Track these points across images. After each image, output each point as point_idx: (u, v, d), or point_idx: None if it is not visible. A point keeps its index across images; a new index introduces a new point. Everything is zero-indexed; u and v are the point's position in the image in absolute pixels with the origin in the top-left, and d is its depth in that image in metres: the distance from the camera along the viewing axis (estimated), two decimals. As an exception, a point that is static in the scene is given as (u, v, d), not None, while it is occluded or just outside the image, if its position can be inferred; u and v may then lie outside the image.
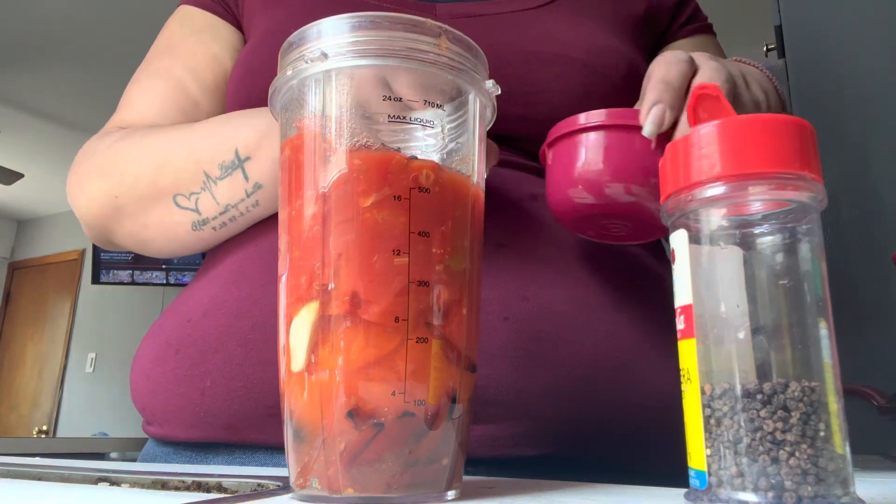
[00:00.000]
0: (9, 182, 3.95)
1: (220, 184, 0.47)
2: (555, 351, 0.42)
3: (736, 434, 0.22)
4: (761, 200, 0.24)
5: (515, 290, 0.43)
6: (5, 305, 4.93)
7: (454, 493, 0.27)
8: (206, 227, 0.49)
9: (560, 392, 0.41)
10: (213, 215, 0.48)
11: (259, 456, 0.44)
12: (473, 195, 0.29)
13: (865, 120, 0.98)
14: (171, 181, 0.48)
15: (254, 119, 0.46)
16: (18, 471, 0.37)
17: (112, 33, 2.79)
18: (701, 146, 0.24)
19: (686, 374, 0.24)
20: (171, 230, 0.50)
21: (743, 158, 0.23)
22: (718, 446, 0.22)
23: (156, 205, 0.50)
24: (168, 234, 0.51)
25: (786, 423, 0.21)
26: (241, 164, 0.46)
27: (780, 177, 0.23)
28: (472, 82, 0.29)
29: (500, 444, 0.40)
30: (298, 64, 0.28)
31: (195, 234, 0.50)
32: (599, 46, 0.54)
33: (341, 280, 0.26)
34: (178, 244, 0.52)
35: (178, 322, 0.48)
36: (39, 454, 2.50)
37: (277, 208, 0.46)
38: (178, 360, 0.45)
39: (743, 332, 0.23)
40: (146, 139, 0.52)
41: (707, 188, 0.24)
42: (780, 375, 0.22)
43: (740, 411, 0.22)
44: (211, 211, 0.48)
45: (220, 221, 0.49)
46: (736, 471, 0.22)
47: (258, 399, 0.42)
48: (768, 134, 0.23)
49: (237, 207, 0.47)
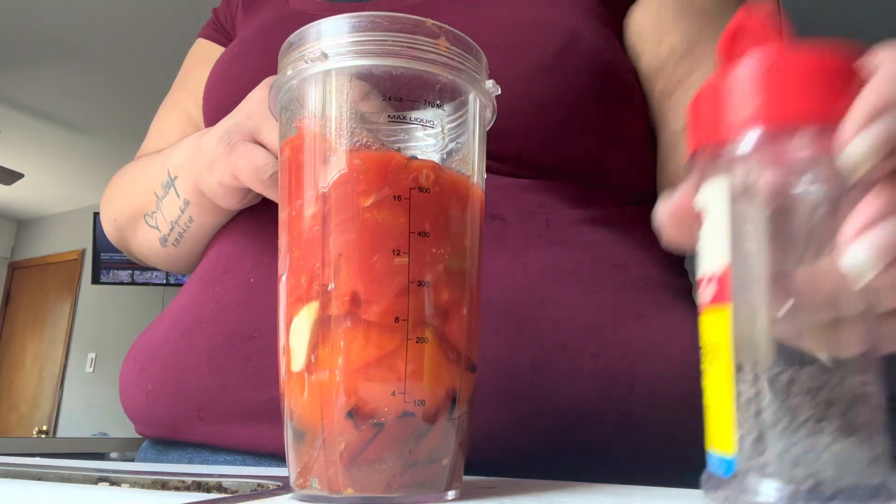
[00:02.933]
0: (9, 182, 3.95)
1: (163, 202, 0.52)
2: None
3: (775, 416, 0.20)
4: (814, 151, 0.21)
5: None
6: (5, 305, 4.93)
7: (454, 493, 0.27)
8: (168, 244, 0.55)
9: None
10: (167, 231, 0.54)
11: (204, 453, 0.46)
12: (473, 195, 0.29)
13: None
14: (139, 203, 0.55)
15: (187, 141, 0.50)
16: (18, 471, 0.37)
17: (112, 34, 2.79)
18: (740, 87, 0.21)
19: (711, 350, 0.22)
20: (151, 246, 0.57)
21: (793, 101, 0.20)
22: (752, 429, 0.20)
23: (137, 225, 0.57)
24: (152, 249, 0.58)
25: (830, 408, 0.19)
26: (172, 183, 0.50)
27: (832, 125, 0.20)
28: (472, 82, 0.29)
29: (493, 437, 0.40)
30: (298, 64, 0.28)
31: (164, 250, 0.56)
32: (523, 23, 0.48)
33: (341, 280, 0.26)
34: (161, 259, 0.58)
35: (148, 329, 0.53)
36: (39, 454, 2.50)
37: (211, 224, 0.51)
38: (133, 364, 0.50)
39: (791, 301, 0.20)
40: (133, 167, 0.60)
41: (749, 135, 0.21)
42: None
43: (782, 391, 0.20)
44: (165, 227, 0.53)
45: (173, 238, 0.54)
46: (773, 456, 0.20)
47: (188, 403, 0.44)
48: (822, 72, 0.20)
49: (178, 223, 0.52)
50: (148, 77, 3.14)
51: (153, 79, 3.17)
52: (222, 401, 0.43)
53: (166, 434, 0.47)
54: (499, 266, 0.43)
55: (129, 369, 0.50)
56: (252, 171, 0.40)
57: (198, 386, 0.44)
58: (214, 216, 0.50)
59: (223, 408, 0.43)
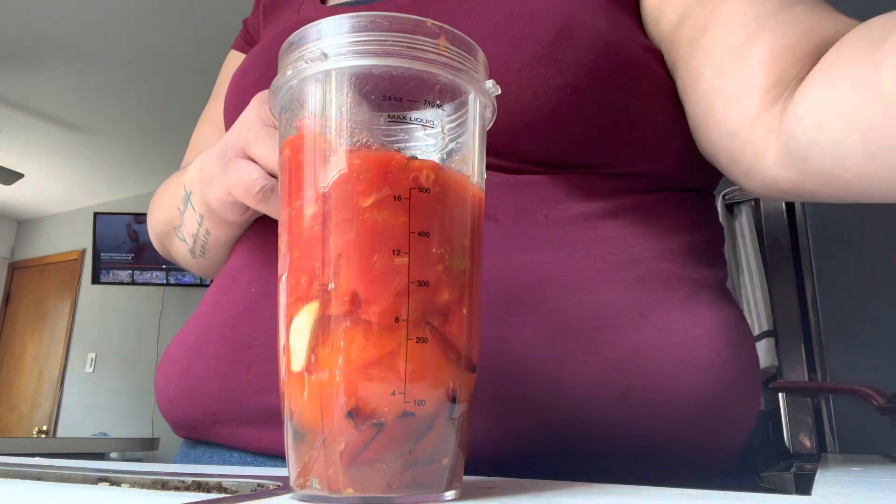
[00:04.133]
0: (9, 182, 3.96)
1: (185, 216, 0.55)
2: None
3: None
4: None
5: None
6: (5, 305, 4.93)
7: (454, 493, 0.27)
8: (196, 255, 0.58)
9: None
10: (192, 244, 0.57)
11: (224, 453, 0.48)
12: (473, 195, 0.29)
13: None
14: (168, 217, 0.59)
15: (199, 158, 0.52)
16: (18, 471, 0.37)
17: (112, 34, 2.79)
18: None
19: None
20: (184, 257, 0.61)
21: None
22: None
23: (170, 237, 0.61)
24: (185, 260, 0.62)
25: None
26: (188, 198, 0.53)
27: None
28: (472, 82, 0.29)
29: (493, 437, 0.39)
30: (298, 64, 0.28)
31: (195, 261, 0.60)
32: (516, 12, 0.46)
33: (341, 280, 0.26)
34: (196, 268, 0.62)
35: (181, 331, 0.55)
36: (39, 454, 2.50)
37: (226, 236, 0.53)
38: (163, 367, 0.52)
39: None
40: (167, 182, 0.64)
41: None
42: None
43: None
44: (189, 240, 0.56)
45: (199, 249, 0.57)
46: None
47: (202, 408, 0.46)
48: None
49: (199, 236, 0.55)
50: (148, 77, 3.14)
51: (153, 79, 3.18)
52: (231, 406, 0.45)
53: (192, 434, 0.50)
54: (485, 269, 0.42)
55: (160, 374, 0.53)
56: (243, 187, 0.41)
57: (208, 392, 0.46)
58: (227, 229, 0.52)
59: (233, 412, 0.45)
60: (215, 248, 0.56)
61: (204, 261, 0.59)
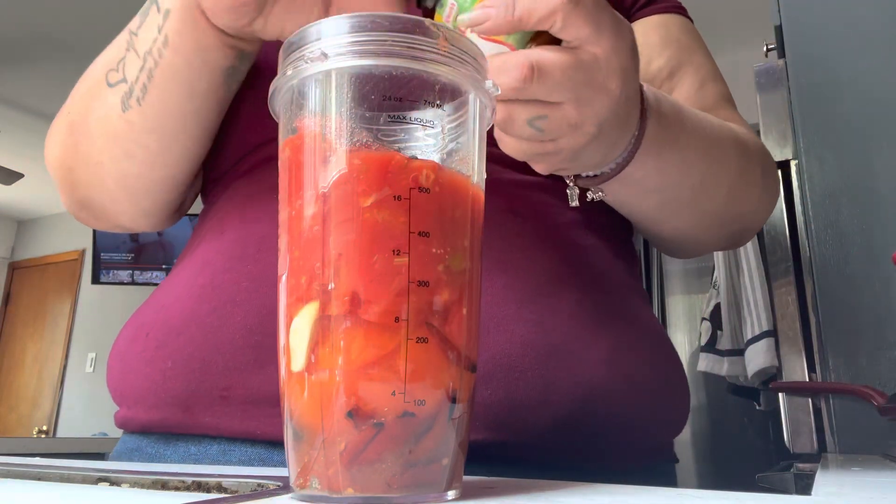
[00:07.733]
0: (9, 182, 3.96)
1: (139, 32, 0.48)
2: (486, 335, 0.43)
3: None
4: None
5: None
6: (5, 305, 4.93)
7: (454, 493, 0.27)
8: (132, 100, 0.49)
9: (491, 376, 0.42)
10: (135, 75, 0.48)
11: (212, 451, 0.45)
12: (473, 195, 0.29)
13: (865, 120, 0.98)
14: (103, 63, 0.52)
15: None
16: (18, 471, 0.37)
17: (112, 34, 2.78)
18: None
19: None
20: (109, 125, 0.51)
21: None
22: None
23: (94, 99, 0.52)
24: (107, 132, 0.51)
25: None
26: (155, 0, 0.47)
27: None
28: (472, 82, 0.29)
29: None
30: (298, 64, 0.28)
31: (126, 122, 0.50)
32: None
33: (341, 280, 0.26)
34: (118, 144, 0.51)
35: (152, 308, 0.51)
36: (39, 454, 2.50)
37: (184, 62, 0.47)
38: (146, 342, 0.48)
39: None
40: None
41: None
42: None
43: None
44: (134, 69, 0.48)
45: (142, 83, 0.48)
46: None
47: (213, 381, 0.44)
48: None
49: (151, 54, 0.47)
50: (148, 77, 3.14)
51: (153, 79, 3.17)
52: (253, 380, 0.43)
53: (173, 417, 0.46)
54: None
55: (134, 348, 0.49)
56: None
57: (227, 364, 0.44)
58: (192, 43, 0.46)
59: (254, 386, 0.43)
60: (161, 86, 0.47)
61: (136, 117, 0.49)
